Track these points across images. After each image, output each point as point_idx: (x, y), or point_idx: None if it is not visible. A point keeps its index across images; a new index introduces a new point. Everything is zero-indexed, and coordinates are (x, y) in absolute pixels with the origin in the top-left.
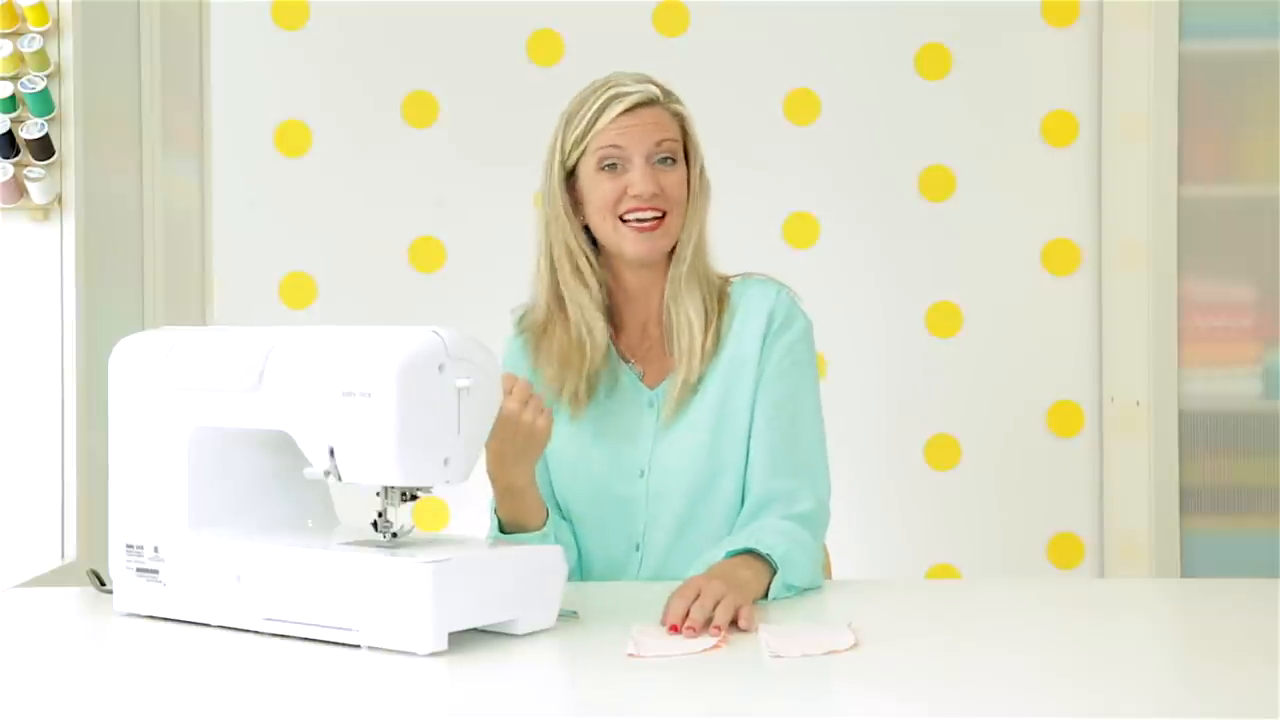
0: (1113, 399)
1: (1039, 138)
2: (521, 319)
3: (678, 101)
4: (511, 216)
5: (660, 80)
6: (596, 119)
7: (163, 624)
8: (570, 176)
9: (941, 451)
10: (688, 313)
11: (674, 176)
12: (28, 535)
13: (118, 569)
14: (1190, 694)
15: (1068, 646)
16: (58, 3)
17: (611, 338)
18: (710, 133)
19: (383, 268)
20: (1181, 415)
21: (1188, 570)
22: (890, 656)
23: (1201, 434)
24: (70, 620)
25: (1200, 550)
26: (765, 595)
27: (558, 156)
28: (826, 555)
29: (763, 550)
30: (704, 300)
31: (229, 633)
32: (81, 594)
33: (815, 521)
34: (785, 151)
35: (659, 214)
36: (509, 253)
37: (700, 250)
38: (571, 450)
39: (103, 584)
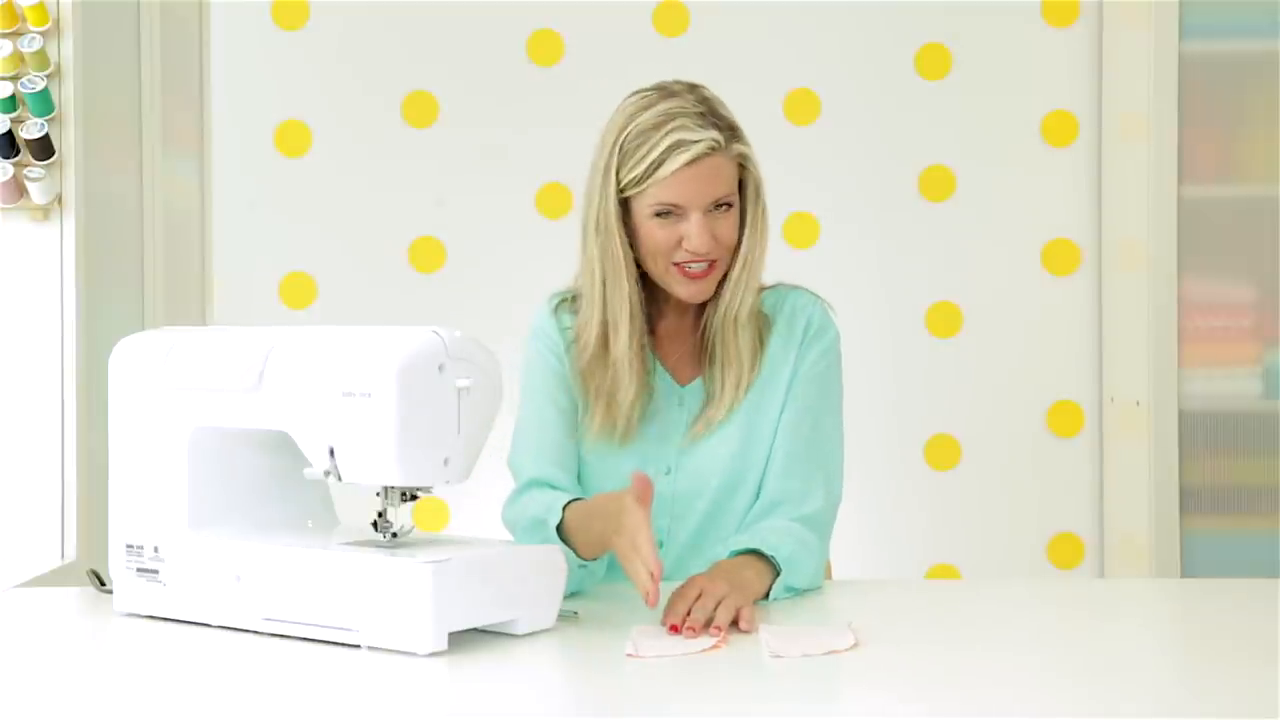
0: (1113, 399)
1: (1039, 138)
2: (559, 308)
3: (740, 141)
4: (511, 216)
5: (721, 107)
6: (657, 168)
7: (163, 624)
8: (624, 203)
9: (941, 451)
10: (740, 353)
11: (727, 223)
12: (28, 535)
13: (118, 569)
14: (1190, 694)
15: (1068, 646)
16: (58, 3)
17: (649, 340)
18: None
19: (383, 268)
20: (1181, 415)
21: (1188, 570)
22: (890, 656)
23: (1201, 434)
24: (70, 620)
25: (1200, 550)
26: (766, 596)
27: (613, 187)
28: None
29: (767, 551)
30: (755, 338)
31: (229, 633)
32: (81, 594)
33: (821, 522)
34: (785, 151)
35: (712, 261)
36: (509, 253)
37: (757, 292)
38: (604, 445)
39: (103, 584)
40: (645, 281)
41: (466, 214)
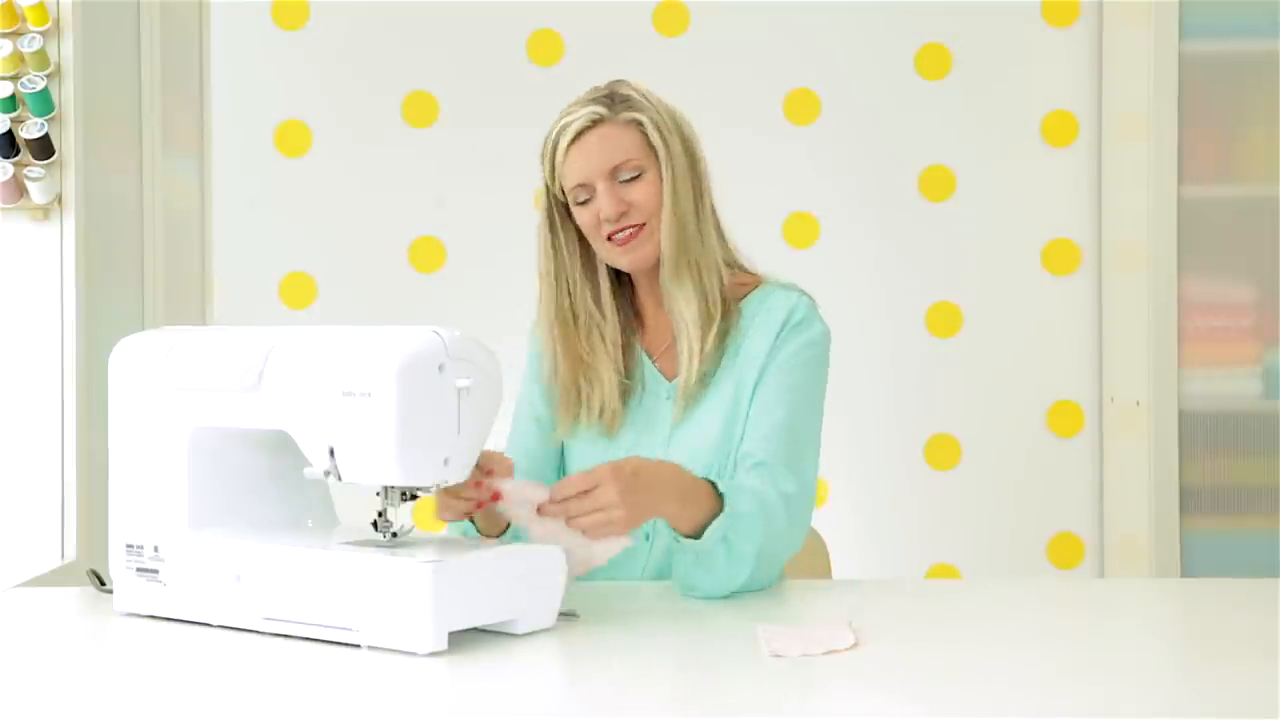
0: (1113, 399)
1: (1039, 138)
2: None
3: (631, 108)
4: (511, 216)
5: (622, 87)
6: (554, 156)
7: (163, 624)
8: (567, 205)
9: (941, 451)
10: (682, 315)
11: (641, 188)
12: (28, 535)
13: (118, 569)
14: (1190, 694)
15: (1068, 646)
16: (58, 3)
17: (637, 333)
18: (710, 132)
19: (383, 268)
20: (1181, 415)
21: (1188, 570)
22: (890, 656)
23: (1201, 434)
24: (70, 620)
25: (1200, 550)
26: (699, 536)
27: (549, 190)
28: (826, 554)
29: (720, 488)
30: (699, 299)
31: (229, 633)
32: (81, 594)
33: (794, 508)
34: (785, 151)
35: (637, 225)
36: (509, 253)
37: (685, 247)
38: (593, 439)
39: (103, 584)
40: (627, 282)
41: (466, 214)
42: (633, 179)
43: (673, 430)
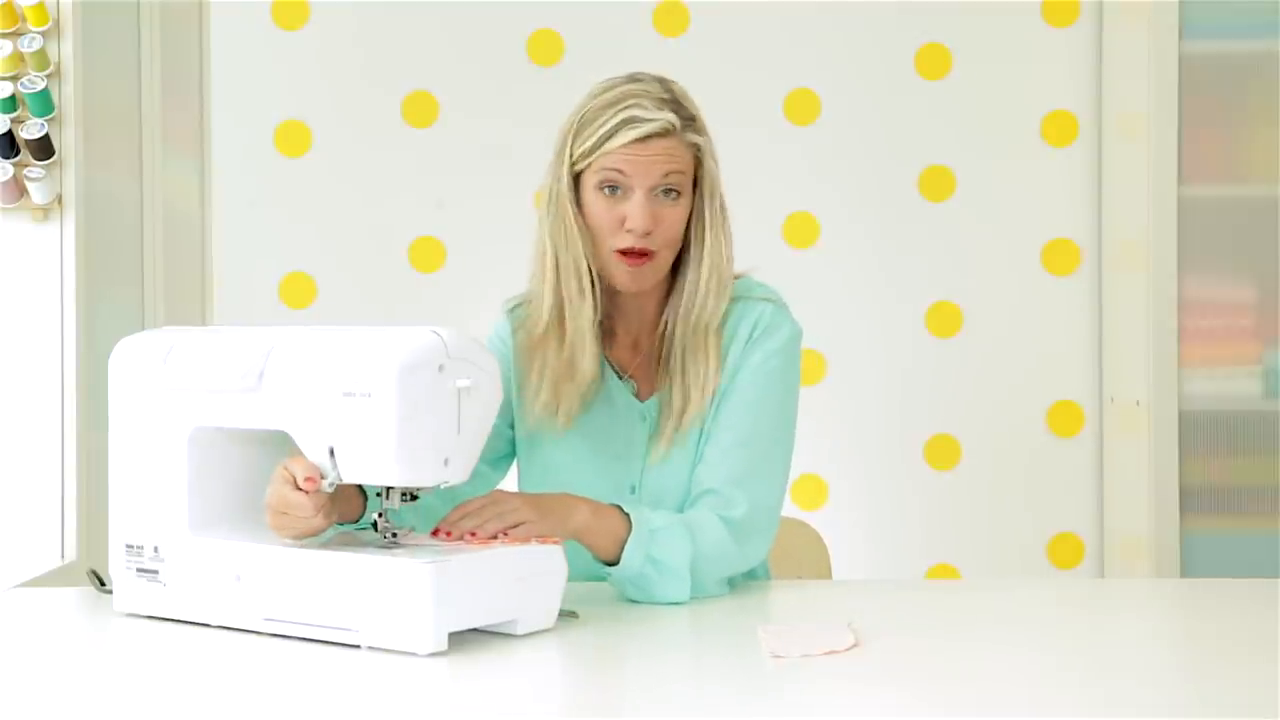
0: (1113, 399)
1: (1039, 138)
2: (514, 310)
3: (697, 130)
4: (511, 216)
5: (685, 99)
6: (606, 140)
7: (163, 624)
8: (576, 180)
9: (941, 451)
10: (708, 361)
11: (674, 212)
12: (28, 535)
13: (118, 569)
14: (1190, 694)
15: (1068, 646)
16: (58, 3)
17: (604, 349)
18: (711, 132)
19: (383, 268)
20: (1181, 415)
21: (1188, 570)
22: (890, 656)
23: (1201, 434)
24: (70, 620)
25: (1200, 550)
26: (617, 562)
27: (566, 161)
28: (826, 554)
29: (625, 508)
30: (719, 347)
31: (229, 633)
32: (81, 594)
33: (742, 529)
34: (785, 151)
35: (650, 251)
36: (509, 253)
37: (718, 293)
38: (564, 462)
39: (103, 584)
40: (595, 289)
41: (466, 214)
42: (670, 197)
43: (646, 457)
